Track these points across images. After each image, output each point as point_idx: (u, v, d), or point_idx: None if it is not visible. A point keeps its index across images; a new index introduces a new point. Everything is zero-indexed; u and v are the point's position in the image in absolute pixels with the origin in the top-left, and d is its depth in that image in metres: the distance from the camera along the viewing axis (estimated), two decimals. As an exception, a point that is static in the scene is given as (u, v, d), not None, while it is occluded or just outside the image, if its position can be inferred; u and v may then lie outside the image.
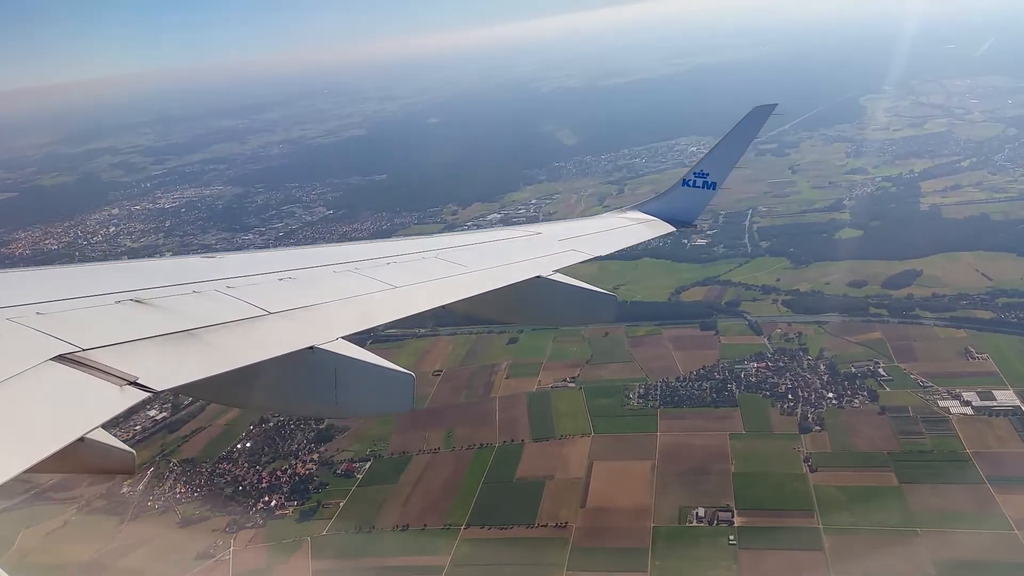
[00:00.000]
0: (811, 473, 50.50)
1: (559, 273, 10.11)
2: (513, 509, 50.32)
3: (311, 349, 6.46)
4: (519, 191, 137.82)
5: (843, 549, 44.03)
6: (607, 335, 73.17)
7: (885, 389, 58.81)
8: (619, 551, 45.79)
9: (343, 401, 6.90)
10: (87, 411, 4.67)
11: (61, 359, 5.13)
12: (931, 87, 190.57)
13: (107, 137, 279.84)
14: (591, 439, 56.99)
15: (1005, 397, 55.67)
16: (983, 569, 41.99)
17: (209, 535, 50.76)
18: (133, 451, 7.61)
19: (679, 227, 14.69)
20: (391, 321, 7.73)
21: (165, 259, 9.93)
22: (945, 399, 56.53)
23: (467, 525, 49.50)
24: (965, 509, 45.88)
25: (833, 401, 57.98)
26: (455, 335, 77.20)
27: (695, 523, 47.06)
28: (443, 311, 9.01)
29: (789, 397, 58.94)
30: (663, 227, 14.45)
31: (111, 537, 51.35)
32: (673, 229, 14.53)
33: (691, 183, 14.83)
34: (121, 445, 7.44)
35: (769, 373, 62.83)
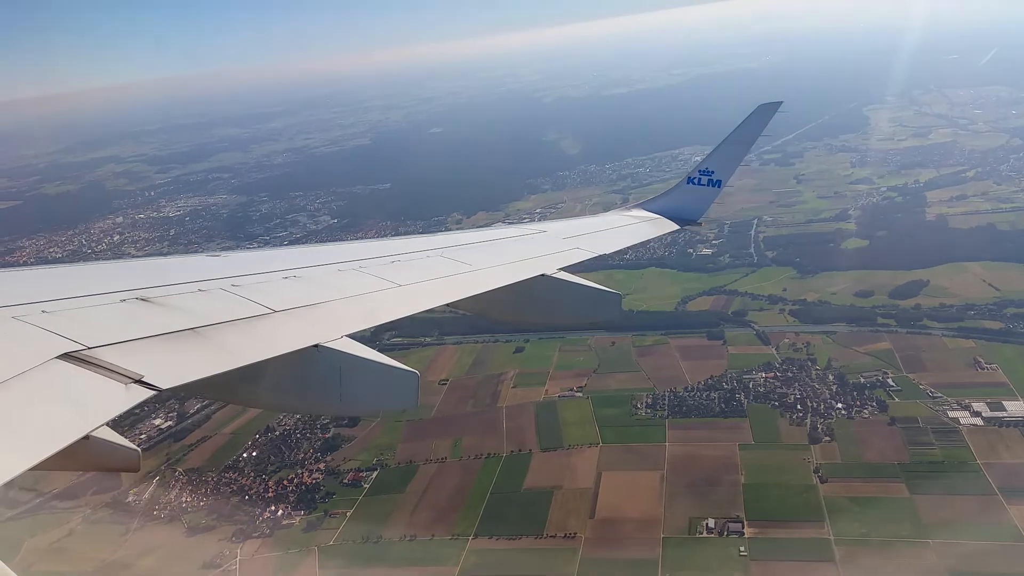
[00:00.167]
0: (821, 484, 50.26)
1: (564, 271, 10.14)
2: (521, 519, 50.05)
3: (316, 347, 6.54)
4: (523, 200, 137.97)
5: (854, 560, 43.73)
6: (613, 344, 73.06)
7: (894, 399, 58.60)
8: (629, 562, 45.51)
9: (348, 399, 6.92)
10: (92, 409, 4.72)
11: (67, 357, 5.19)
12: (934, 97, 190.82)
13: (111, 146, 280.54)
14: (599, 449, 56.75)
15: (1015, 408, 55.46)
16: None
17: (215, 544, 50.47)
18: (138, 448, 7.69)
19: (684, 225, 14.63)
20: (396, 319, 7.74)
21: (170, 258, 10.02)
22: (955, 410, 56.27)
23: (475, 535, 49.18)
24: (977, 520, 45.52)
25: (842, 411, 57.75)
26: (461, 344, 77.07)
27: (705, 534, 46.79)
28: (450, 313, 8.94)
29: (798, 407, 58.70)
30: (668, 225, 14.41)
31: (117, 546, 51.14)
32: (677, 227, 14.48)
33: (696, 181, 14.77)
34: (126, 442, 7.52)
35: (777, 383, 62.61)
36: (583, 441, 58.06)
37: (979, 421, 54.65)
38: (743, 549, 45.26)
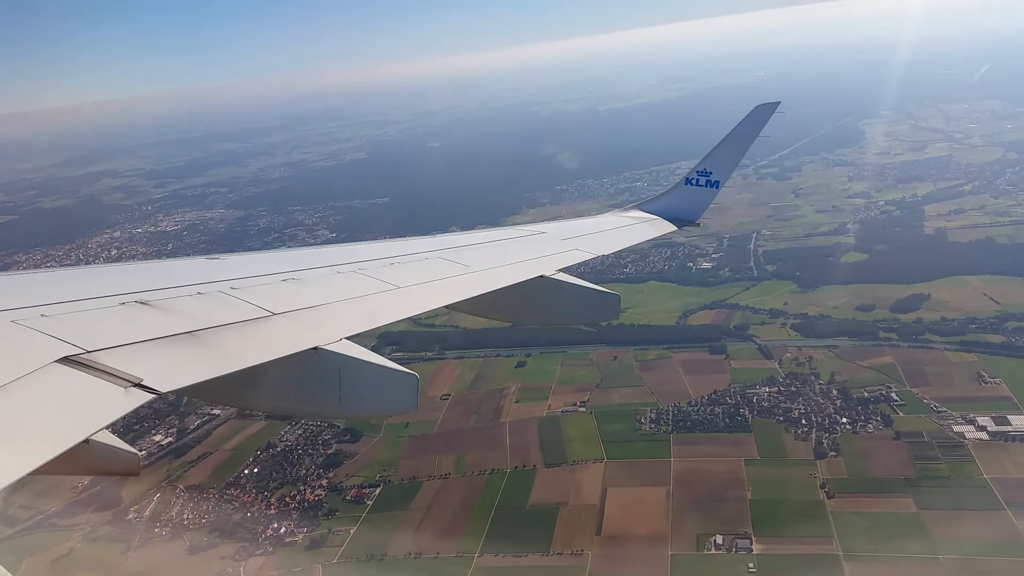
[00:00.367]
0: (828, 499, 49.96)
1: (563, 272, 10.17)
2: (527, 536, 49.55)
3: (315, 350, 6.51)
4: (522, 213, 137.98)
5: (864, 577, 43.46)
6: (615, 359, 72.91)
7: (899, 414, 58.46)
8: (637, 579, 45.11)
9: (347, 401, 6.91)
10: (92, 413, 4.70)
11: (66, 361, 5.19)
12: (929, 111, 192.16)
13: (108, 160, 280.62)
14: (604, 465, 56.40)
15: (1020, 422, 55.35)
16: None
17: (218, 562, 49.85)
18: (137, 452, 7.69)
19: (682, 226, 14.64)
20: (395, 321, 7.74)
21: (169, 261, 10.03)
22: (960, 424, 56.16)
23: (481, 552, 48.78)
24: (985, 535, 45.33)
25: (847, 426, 57.56)
26: (462, 358, 76.81)
27: (713, 550, 46.44)
28: (451, 327, 8.88)
29: (803, 422, 58.52)
30: (666, 226, 14.40)
31: (117, 565, 50.51)
32: (675, 228, 14.48)
33: (694, 182, 14.76)
34: (126, 446, 7.49)
35: (781, 398, 62.45)
36: (587, 457, 57.71)
37: (984, 435, 54.52)
38: (752, 566, 44.93)
